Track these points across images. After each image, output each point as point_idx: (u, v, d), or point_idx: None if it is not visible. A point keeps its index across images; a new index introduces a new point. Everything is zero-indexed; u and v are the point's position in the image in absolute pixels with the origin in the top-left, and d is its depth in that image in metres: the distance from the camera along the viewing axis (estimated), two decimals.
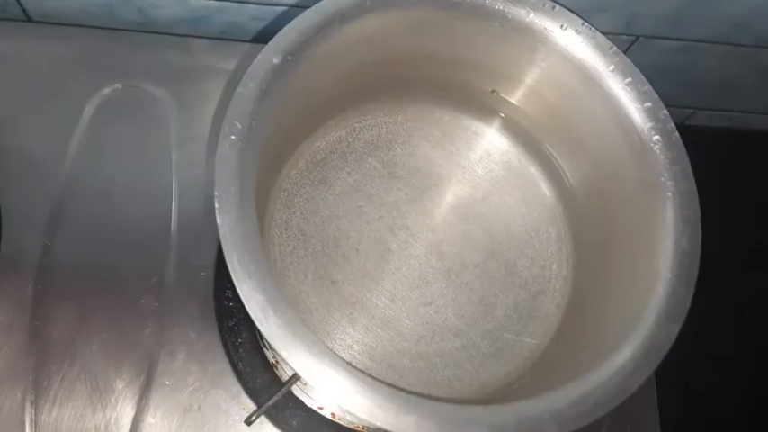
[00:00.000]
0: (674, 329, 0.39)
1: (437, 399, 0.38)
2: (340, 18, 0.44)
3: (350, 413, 0.35)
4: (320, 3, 0.44)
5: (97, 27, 0.63)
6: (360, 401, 0.35)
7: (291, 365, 0.35)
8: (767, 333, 0.77)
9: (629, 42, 0.66)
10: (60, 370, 0.50)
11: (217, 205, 0.37)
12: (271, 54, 0.42)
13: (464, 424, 0.36)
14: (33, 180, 0.55)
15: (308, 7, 0.44)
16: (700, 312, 0.41)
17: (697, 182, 0.44)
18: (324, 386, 0.35)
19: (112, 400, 0.50)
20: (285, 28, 0.43)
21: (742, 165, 0.81)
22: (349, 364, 0.36)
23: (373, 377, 0.36)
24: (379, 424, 0.35)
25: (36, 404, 0.49)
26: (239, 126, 0.39)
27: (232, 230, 0.37)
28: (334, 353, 0.36)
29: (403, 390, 0.36)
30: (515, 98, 0.54)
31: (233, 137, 0.39)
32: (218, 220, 0.37)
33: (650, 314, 0.40)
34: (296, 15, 0.44)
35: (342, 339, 0.48)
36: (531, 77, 0.51)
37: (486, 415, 0.37)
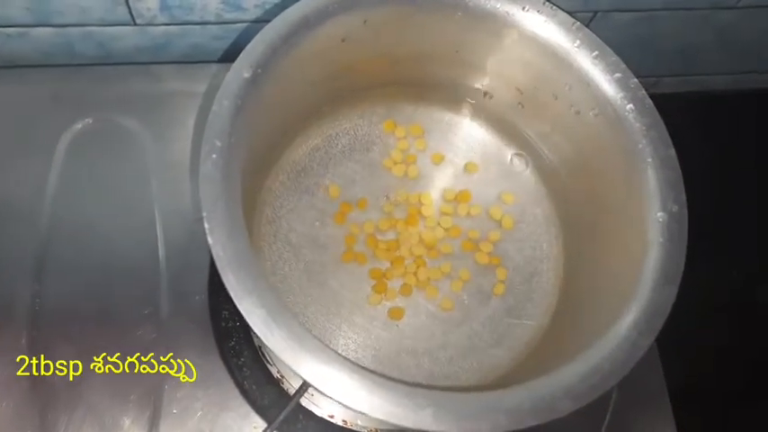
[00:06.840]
0: (673, 291, 0.40)
1: (451, 389, 0.38)
2: (305, 25, 0.44)
3: (365, 415, 0.35)
4: (284, 13, 0.44)
5: (59, 65, 0.62)
6: (375, 402, 0.35)
7: (301, 375, 0.35)
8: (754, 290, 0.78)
9: (587, 19, 0.66)
10: (66, 413, 0.50)
11: (207, 225, 0.37)
12: (241, 69, 0.41)
13: (481, 411, 0.36)
14: (14, 224, 0.54)
15: (269, 21, 0.44)
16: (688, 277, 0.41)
17: None
18: (337, 392, 0.35)
19: None
20: (252, 41, 0.43)
21: (710, 126, 0.82)
22: (358, 365, 0.36)
23: (385, 375, 0.36)
24: (395, 422, 0.35)
25: None
26: (219, 144, 0.39)
27: (225, 249, 0.37)
28: (343, 356, 0.36)
29: (415, 384, 0.37)
30: (486, 85, 0.54)
31: (214, 155, 0.39)
32: (210, 240, 0.37)
33: (647, 279, 0.40)
34: (258, 30, 0.44)
35: (344, 345, 0.48)
36: (498, 62, 0.51)
37: (501, 399, 0.37)
